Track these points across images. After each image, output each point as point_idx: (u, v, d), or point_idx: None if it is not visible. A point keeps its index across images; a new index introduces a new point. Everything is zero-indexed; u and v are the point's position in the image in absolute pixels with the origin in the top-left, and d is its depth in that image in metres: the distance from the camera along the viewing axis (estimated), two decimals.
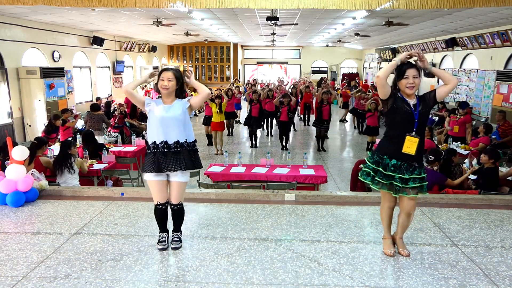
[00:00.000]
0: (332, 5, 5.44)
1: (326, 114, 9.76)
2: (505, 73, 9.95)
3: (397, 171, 2.99)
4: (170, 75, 3.16)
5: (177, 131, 3.16)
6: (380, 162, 3.05)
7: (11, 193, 4.28)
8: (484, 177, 5.06)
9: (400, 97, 3.02)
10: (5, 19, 9.17)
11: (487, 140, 7.37)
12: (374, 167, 3.07)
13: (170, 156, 3.14)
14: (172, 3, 5.66)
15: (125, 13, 10.11)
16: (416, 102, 3.01)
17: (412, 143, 2.95)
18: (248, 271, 3.00)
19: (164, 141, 3.14)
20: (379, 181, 3.04)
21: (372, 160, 3.11)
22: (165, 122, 3.13)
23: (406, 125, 2.98)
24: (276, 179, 5.56)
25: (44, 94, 9.82)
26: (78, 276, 2.92)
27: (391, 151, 3.03)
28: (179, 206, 3.31)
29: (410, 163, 2.99)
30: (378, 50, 20.80)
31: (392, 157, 3.02)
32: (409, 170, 2.99)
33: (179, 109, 3.18)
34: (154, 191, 3.26)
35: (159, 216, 3.34)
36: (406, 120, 2.97)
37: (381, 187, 3.05)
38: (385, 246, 3.27)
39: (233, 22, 13.28)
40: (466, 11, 8.41)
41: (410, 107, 2.98)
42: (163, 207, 3.30)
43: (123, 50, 15.98)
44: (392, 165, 3.00)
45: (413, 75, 2.94)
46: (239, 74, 24.58)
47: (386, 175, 3.01)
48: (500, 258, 3.21)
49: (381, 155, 3.07)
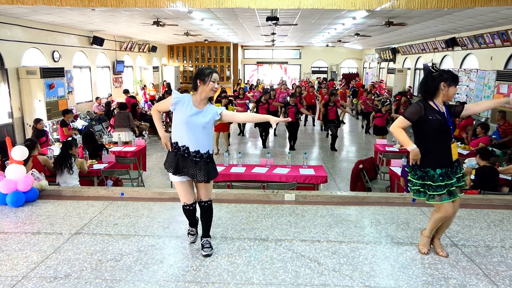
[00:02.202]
0: (332, 5, 5.45)
1: (333, 115, 9.84)
2: (505, 73, 9.95)
3: (446, 179, 2.95)
4: (217, 77, 3.08)
5: (200, 139, 3.06)
6: (425, 175, 2.99)
7: (11, 193, 4.28)
8: (479, 175, 5.08)
9: (430, 105, 2.96)
10: (5, 19, 9.17)
11: (487, 140, 7.37)
12: (421, 182, 3.02)
13: (189, 162, 3.06)
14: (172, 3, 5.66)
15: (125, 13, 10.11)
16: (445, 109, 3.00)
17: (455, 149, 2.98)
18: (248, 271, 3.00)
19: (186, 146, 3.05)
20: (434, 194, 2.97)
21: (416, 176, 3.04)
22: (190, 126, 3.01)
23: (441, 133, 2.94)
24: (276, 179, 5.55)
25: (44, 94, 9.82)
26: (78, 276, 2.92)
27: (431, 162, 2.97)
28: (209, 203, 3.25)
29: (452, 165, 2.99)
30: (378, 50, 20.80)
31: (434, 167, 2.96)
32: (453, 172, 3.00)
33: (208, 116, 3.07)
34: (180, 192, 3.22)
35: (188, 215, 3.34)
36: (440, 129, 2.94)
37: (443, 199, 2.96)
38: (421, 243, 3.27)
39: (233, 22, 13.28)
40: (466, 11, 8.41)
41: (441, 115, 2.94)
42: (191, 208, 3.26)
43: (123, 50, 15.98)
44: (438, 174, 2.96)
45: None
46: (239, 74, 24.58)
47: (438, 186, 2.96)
48: (500, 258, 3.21)
49: (423, 168, 3.00)
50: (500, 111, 8.72)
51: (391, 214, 4.11)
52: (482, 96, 11.14)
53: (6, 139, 4.58)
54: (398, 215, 4.08)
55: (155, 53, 19.71)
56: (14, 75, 9.56)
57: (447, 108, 3.03)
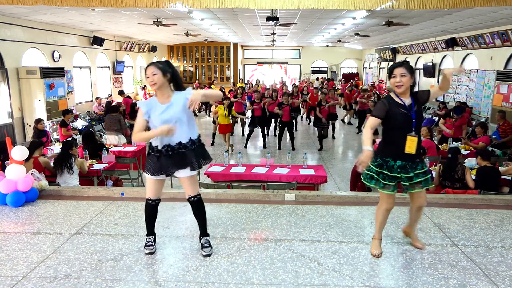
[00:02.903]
0: (332, 5, 5.44)
1: (324, 115, 9.81)
2: (505, 73, 9.95)
3: (403, 171, 3.00)
4: (153, 69, 2.92)
5: (180, 132, 2.95)
6: (384, 165, 3.04)
7: (11, 193, 4.28)
8: (480, 176, 5.08)
9: (394, 101, 3.01)
10: (5, 19, 9.17)
11: (487, 139, 7.37)
12: (377, 170, 3.06)
13: (175, 157, 2.99)
14: (172, 3, 5.66)
15: (125, 13, 10.11)
16: (411, 101, 3.01)
17: (412, 142, 2.97)
18: (248, 271, 3.00)
19: (167, 145, 2.97)
20: (386, 183, 3.02)
21: (375, 163, 3.08)
22: (166, 124, 2.89)
23: (405, 126, 2.98)
24: (276, 179, 5.56)
25: (44, 94, 9.82)
26: (78, 276, 2.92)
27: (394, 153, 3.03)
28: (198, 197, 3.20)
29: (413, 161, 3.02)
30: (378, 50, 20.80)
31: (396, 158, 3.02)
32: (413, 168, 3.02)
33: (178, 105, 2.95)
34: (150, 187, 3.14)
35: (148, 212, 3.21)
36: (405, 122, 2.98)
37: (391, 190, 3.04)
38: (373, 246, 3.26)
39: (233, 22, 13.28)
40: (466, 11, 8.41)
41: (406, 108, 2.98)
42: (153, 203, 3.18)
43: (123, 50, 15.98)
44: (397, 166, 3.01)
45: (400, 74, 2.94)
46: (239, 74, 24.58)
47: (393, 176, 3.01)
48: (500, 258, 3.21)
49: (384, 157, 3.06)
50: (500, 111, 8.72)
51: (391, 214, 4.06)
52: (482, 96, 11.14)
53: (6, 139, 4.58)
54: (398, 215, 4.07)
55: (155, 53, 19.71)
56: (14, 75, 9.57)
57: (413, 98, 3.03)
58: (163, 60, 3.11)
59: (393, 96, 3.04)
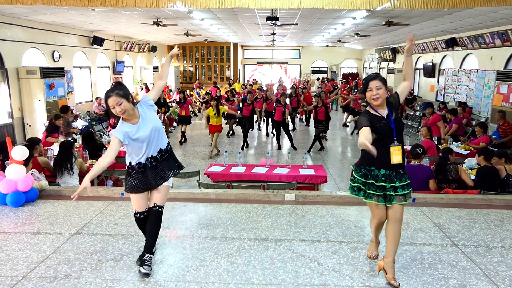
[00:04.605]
0: (332, 5, 5.43)
1: (321, 116, 9.79)
2: (505, 73, 9.95)
3: (388, 181, 2.92)
4: (116, 99, 2.79)
5: (158, 140, 2.98)
6: (369, 174, 2.97)
7: (11, 193, 4.28)
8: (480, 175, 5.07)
9: (372, 115, 2.95)
10: (5, 19, 9.17)
11: (487, 139, 7.37)
12: (363, 180, 2.98)
13: (159, 166, 2.98)
14: (172, 3, 5.66)
15: (125, 13, 10.11)
16: (387, 111, 2.96)
17: (397, 151, 2.91)
18: (248, 271, 3.00)
19: (150, 157, 2.96)
20: (374, 193, 2.94)
21: (360, 173, 3.01)
22: (149, 140, 2.90)
23: (386, 137, 2.92)
24: (276, 179, 5.55)
25: (44, 94, 9.81)
26: (78, 276, 2.92)
27: (378, 162, 2.94)
28: (161, 209, 3.08)
29: (397, 171, 2.94)
30: (378, 50, 20.81)
31: (380, 167, 2.95)
32: (398, 178, 2.93)
33: (148, 119, 2.93)
34: (135, 200, 3.06)
35: (139, 225, 3.16)
36: (385, 133, 2.92)
37: (378, 200, 2.94)
38: (369, 248, 3.22)
39: (233, 22, 13.28)
40: (466, 11, 8.41)
41: (384, 119, 2.93)
42: (141, 216, 3.08)
43: (123, 50, 15.98)
44: (382, 175, 2.93)
45: (376, 87, 2.89)
46: (239, 74, 24.58)
47: (379, 186, 2.93)
48: (500, 258, 3.21)
49: (368, 167, 2.98)
50: (500, 111, 8.72)
51: None
52: (482, 96, 11.13)
53: (6, 139, 4.58)
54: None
55: (155, 53, 19.71)
56: (14, 75, 9.56)
57: (388, 107, 2.97)
58: (116, 84, 2.95)
59: (370, 110, 2.98)
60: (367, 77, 2.99)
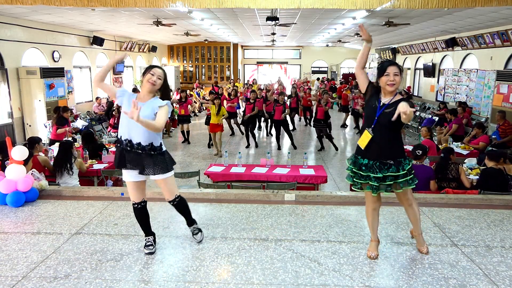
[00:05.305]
0: (332, 5, 5.43)
1: (320, 115, 9.82)
2: (505, 73, 9.95)
3: (370, 171, 2.93)
4: (161, 74, 3.08)
5: (141, 132, 2.99)
6: (356, 162, 3.01)
7: (11, 193, 4.28)
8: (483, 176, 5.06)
9: (378, 94, 2.97)
10: (5, 19, 9.17)
11: (487, 139, 7.37)
12: (352, 168, 3.05)
13: (133, 155, 3.04)
14: (172, 3, 5.66)
15: (125, 13, 10.11)
16: (389, 101, 2.90)
17: (366, 137, 2.91)
18: (248, 271, 3.00)
19: (129, 140, 3.04)
20: (357, 181, 3.02)
21: (350, 161, 3.07)
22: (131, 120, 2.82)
23: (368, 121, 2.93)
24: (276, 179, 5.56)
25: (44, 94, 9.82)
26: (78, 276, 2.92)
27: (362, 151, 2.98)
28: (177, 200, 3.26)
29: (382, 162, 2.92)
30: (378, 50, 20.81)
31: (363, 156, 2.97)
32: (384, 169, 2.92)
33: (148, 109, 3.00)
34: (129, 190, 3.20)
35: (138, 216, 3.26)
36: (369, 116, 2.93)
37: (365, 188, 3.02)
38: (369, 248, 3.23)
39: (233, 22, 13.28)
40: (466, 11, 8.41)
41: (378, 103, 2.92)
42: (139, 206, 3.22)
43: (123, 50, 15.97)
44: (364, 164, 2.95)
45: (394, 73, 2.86)
46: (239, 74, 24.58)
47: (363, 175, 2.97)
48: (500, 258, 3.21)
49: (356, 155, 3.04)
50: (500, 111, 8.72)
51: (391, 214, 4.11)
52: (482, 96, 11.13)
53: (6, 139, 4.58)
54: (398, 215, 4.07)
55: (155, 53, 19.71)
56: (14, 75, 9.56)
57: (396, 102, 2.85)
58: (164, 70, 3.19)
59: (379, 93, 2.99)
60: (384, 62, 2.94)
